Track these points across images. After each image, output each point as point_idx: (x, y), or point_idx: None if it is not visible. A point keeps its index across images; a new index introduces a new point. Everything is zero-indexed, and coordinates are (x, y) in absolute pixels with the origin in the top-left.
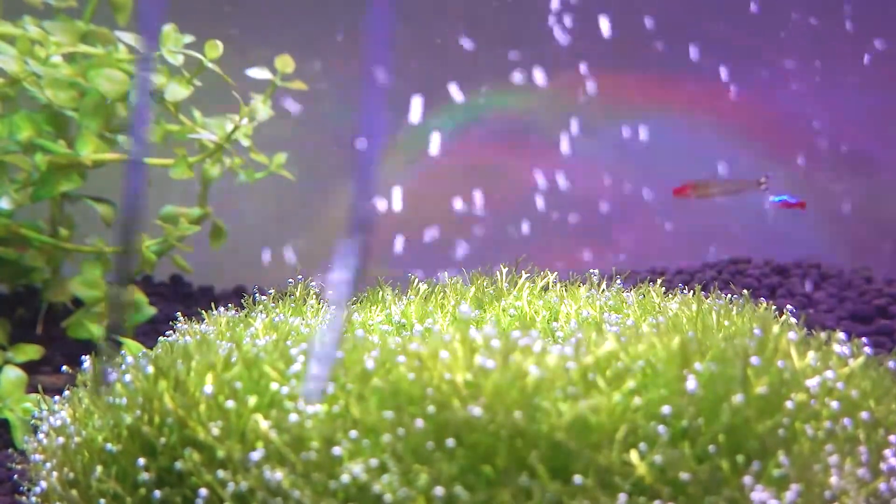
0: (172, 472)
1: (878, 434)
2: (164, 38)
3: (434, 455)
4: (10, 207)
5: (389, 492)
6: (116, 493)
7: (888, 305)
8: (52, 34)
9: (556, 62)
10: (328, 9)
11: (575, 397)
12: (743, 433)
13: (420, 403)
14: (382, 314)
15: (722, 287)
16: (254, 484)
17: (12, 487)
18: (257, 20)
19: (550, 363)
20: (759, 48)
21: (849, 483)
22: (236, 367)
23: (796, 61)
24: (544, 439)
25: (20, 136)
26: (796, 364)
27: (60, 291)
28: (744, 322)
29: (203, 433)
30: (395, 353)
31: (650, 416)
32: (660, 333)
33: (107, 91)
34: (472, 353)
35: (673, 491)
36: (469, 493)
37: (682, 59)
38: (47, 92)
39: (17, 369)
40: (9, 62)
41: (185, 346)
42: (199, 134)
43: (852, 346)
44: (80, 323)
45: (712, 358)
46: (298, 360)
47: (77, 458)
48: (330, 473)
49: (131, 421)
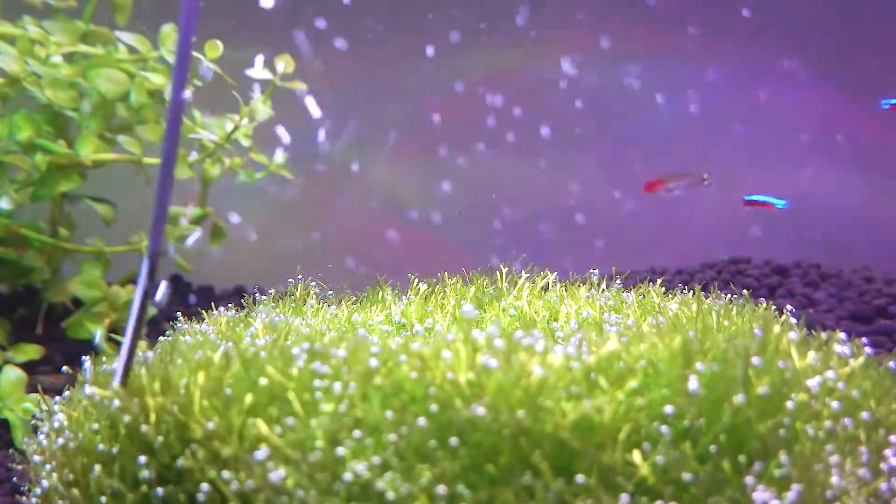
0: (172, 470)
1: (879, 434)
2: (163, 38)
3: (437, 453)
4: (10, 207)
5: (392, 489)
6: (117, 491)
7: (888, 305)
8: (52, 34)
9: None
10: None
11: (578, 397)
12: (744, 433)
13: (423, 402)
14: (382, 314)
15: (722, 287)
16: (258, 483)
17: (12, 488)
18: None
19: (554, 363)
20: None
21: (849, 483)
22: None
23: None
24: (548, 438)
25: (20, 136)
26: (797, 364)
27: (60, 291)
28: (744, 322)
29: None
30: (397, 353)
31: (653, 416)
32: (661, 333)
33: (106, 91)
34: (475, 352)
35: (675, 491)
36: (471, 492)
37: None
38: (47, 92)
39: (17, 369)
40: (9, 62)
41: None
42: (199, 134)
43: (853, 346)
44: (79, 323)
45: (713, 358)
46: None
47: (77, 459)
48: (333, 473)
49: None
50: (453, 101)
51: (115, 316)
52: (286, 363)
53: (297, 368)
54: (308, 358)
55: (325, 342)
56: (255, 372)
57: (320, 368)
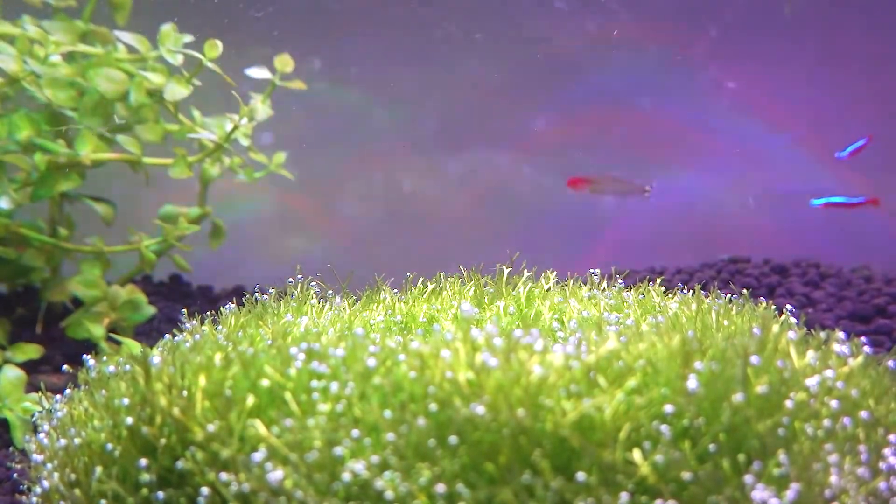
0: (173, 472)
1: (878, 433)
2: (162, 38)
3: (436, 452)
4: (10, 207)
5: (391, 489)
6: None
7: (887, 305)
8: (52, 33)
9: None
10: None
11: (578, 395)
12: (743, 432)
13: (422, 402)
14: (383, 313)
15: (721, 286)
16: (255, 485)
17: (12, 487)
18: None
19: (554, 362)
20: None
21: (848, 482)
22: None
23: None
24: (548, 437)
25: (19, 136)
26: (796, 363)
27: (60, 291)
28: (743, 321)
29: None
30: (395, 352)
31: (652, 415)
32: (660, 333)
33: (106, 90)
34: (475, 351)
35: (675, 489)
36: (471, 491)
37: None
38: (46, 91)
39: (17, 369)
40: (8, 61)
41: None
42: (199, 133)
43: (851, 345)
44: (79, 322)
45: (713, 357)
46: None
47: (78, 460)
48: (332, 473)
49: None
50: (452, 101)
51: (114, 315)
52: (284, 363)
53: (296, 369)
54: (306, 358)
55: (322, 342)
56: (255, 373)
57: (319, 368)
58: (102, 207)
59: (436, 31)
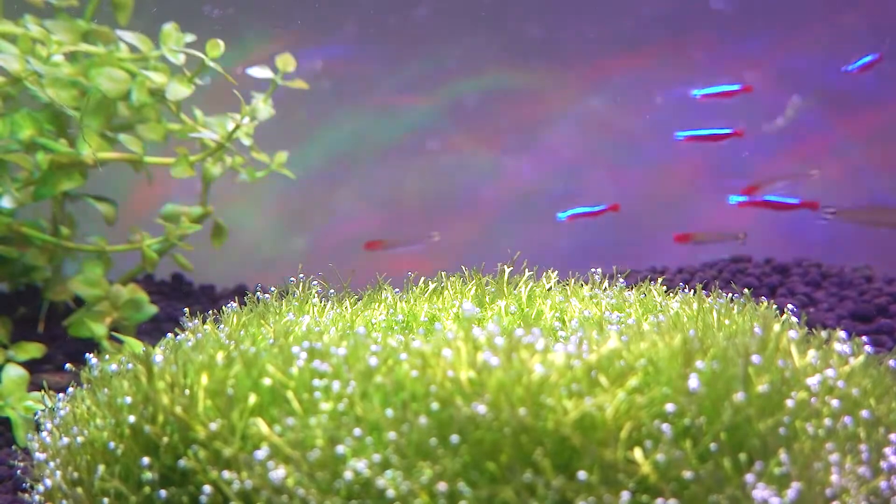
0: (176, 471)
1: (879, 432)
2: (164, 37)
3: (437, 451)
4: (12, 206)
5: (392, 487)
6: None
7: (888, 304)
8: (54, 33)
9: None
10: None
11: (580, 394)
12: (744, 431)
13: (423, 400)
14: (384, 312)
15: (722, 286)
16: (258, 483)
17: (15, 485)
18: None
19: (556, 361)
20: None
21: (849, 481)
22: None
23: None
24: (550, 436)
25: (22, 135)
26: (797, 362)
27: (62, 290)
28: (745, 321)
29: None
30: (397, 351)
31: (653, 414)
32: (661, 332)
33: (108, 90)
34: (476, 350)
35: (676, 488)
36: (472, 489)
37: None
38: (49, 91)
39: (19, 367)
40: (10, 61)
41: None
42: (201, 133)
43: (853, 344)
44: (81, 321)
45: (714, 356)
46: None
47: (81, 458)
48: (334, 471)
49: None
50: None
51: (116, 314)
52: (286, 362)
53: (298, 368)
54: (308, 357)
55: (324, 341)
56: (257, 372)
57: (320, 367)
58: (104, 206)
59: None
